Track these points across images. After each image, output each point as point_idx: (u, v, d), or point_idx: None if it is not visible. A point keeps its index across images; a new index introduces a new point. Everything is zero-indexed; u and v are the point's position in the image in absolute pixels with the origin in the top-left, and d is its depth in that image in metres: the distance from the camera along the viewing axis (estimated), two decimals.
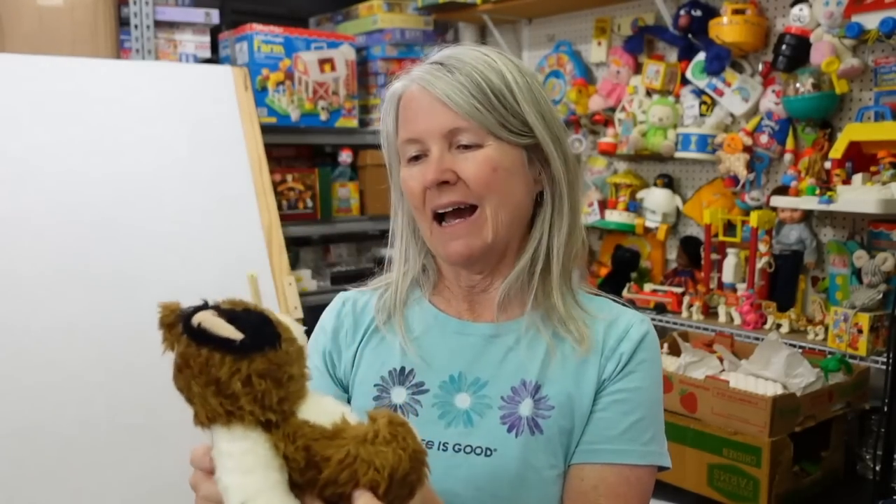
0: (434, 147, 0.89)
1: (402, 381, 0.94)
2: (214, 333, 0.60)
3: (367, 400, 0.94)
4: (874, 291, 1.72)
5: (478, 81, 0.88)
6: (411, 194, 0.92)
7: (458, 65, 0.89)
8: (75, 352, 1.88)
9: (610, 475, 0.88)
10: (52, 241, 1.94)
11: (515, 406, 0.89)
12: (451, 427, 0.90)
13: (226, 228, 2.17)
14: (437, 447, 0.89)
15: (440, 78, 0.89)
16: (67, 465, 1.79)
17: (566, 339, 0.92)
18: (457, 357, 0.94)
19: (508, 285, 0.93)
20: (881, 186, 1.65)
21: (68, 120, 2.07)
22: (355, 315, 1.00)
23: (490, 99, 0.88)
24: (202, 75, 2.36)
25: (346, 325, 1.00)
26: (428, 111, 0.89)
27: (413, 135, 0.90)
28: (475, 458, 0.88)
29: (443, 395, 0.92)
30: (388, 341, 0.97)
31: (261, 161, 2.30)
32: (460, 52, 0.92)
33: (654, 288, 2.22)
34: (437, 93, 0.88)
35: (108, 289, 1.96)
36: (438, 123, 0.88)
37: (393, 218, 1.01)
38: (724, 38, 2.01)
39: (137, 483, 1.84)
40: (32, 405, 1.80)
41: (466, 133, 0.88)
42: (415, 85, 0.91)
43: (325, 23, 2.98)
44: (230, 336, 0.60)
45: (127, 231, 2.04)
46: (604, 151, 2.38)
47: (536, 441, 0.88)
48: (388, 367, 0.95)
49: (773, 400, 1.55)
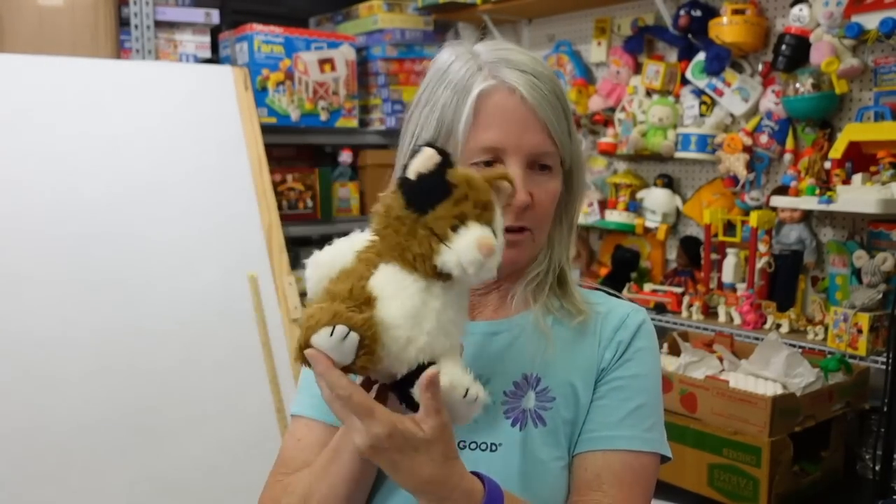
0: (515, 163, 0.86)
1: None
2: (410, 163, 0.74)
3: None
4: (874, 291, 1.72)
5: (563, 102, 0.89)
6: None
7: (541, 76, 0.88)
8: (75, 352, 1.88)
9: (613, 462, 0.87)
10: (52, 241, 1.94)
11: (519, 400, 0.90)
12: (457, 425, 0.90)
13: (226, 228, 2.17)
14: None
15: (537, 91, 0.86)
16: (67, 465, 1.79)
17: (564, 323, 0.93)
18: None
19: (520, 289, 0.94)
20: (881, 186, 1.65)
21: (68, 120, 2.07)
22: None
23: (569, 124, 0.90)
24: (202, 75, 2.36)
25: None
26: (523, 125, 0.86)
27: (496, 143, 0.86)
28: (481, 454, 0.88)
29: None
30: None
31: (261, 161, 2.30)
32: (524, 57, 0.89)
33: (654, 288, 2.22)
34: (538, 110, 0.86)
35: (109, 288, 1.97)
36: (531, 142, 0.87)
37: None
38: (723, 38, 2.01)
39: (138, 483, 1.84)
40: (33, 405, 1.80)
41: (550, 157, 0.88)
42: (505, 89, 0.87)
43: (325, 23, 2.98)
44: (408, 171, 0.74)
45: (127, 231, 2.04)
46: (604, 151, 2.38)
47: (540, 433, 0.88)
48: None
49: (772, 400, 1.55)
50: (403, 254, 0.72)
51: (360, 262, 0.75)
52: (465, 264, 0.70)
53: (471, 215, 0.72)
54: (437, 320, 0.73)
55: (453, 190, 0.72)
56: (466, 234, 0.71)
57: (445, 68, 0.90)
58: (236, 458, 1.93)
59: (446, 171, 0.73)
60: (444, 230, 0.71)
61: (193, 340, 2.02)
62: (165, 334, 1.99)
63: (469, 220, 0.71)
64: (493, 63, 0.88)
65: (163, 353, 1.97)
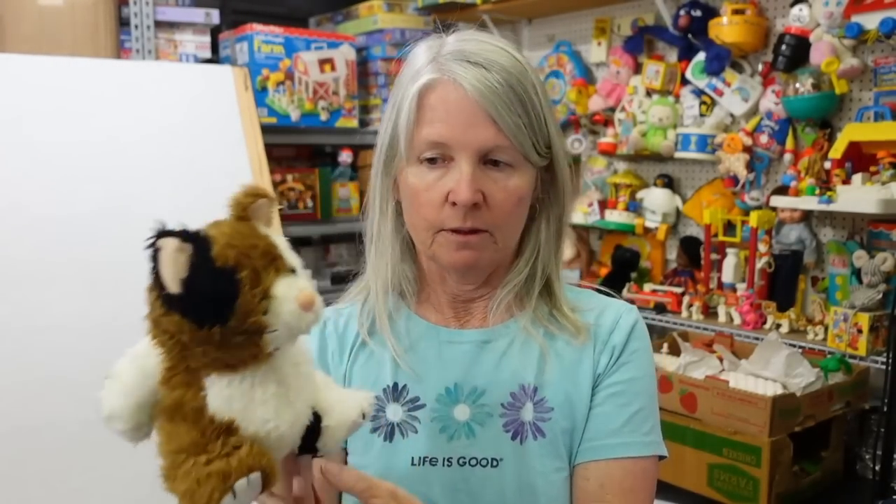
0: (465, 160, 0.81)
1: (397, 398, 0.89)
2: (158, 267, 0.57)
3: None
4: (874, 291, 1.72)
5: (520, 95, 0.82)
6: (427, 203, 0.83)
7: (495, 67, 0.81)
8: (75, 351, 1.88)
9: (615, 470, 0.86)
10: (52, 240, 1.94)
11: (517, 412, 0.87)
12: (454, 440, 0.87)
13: None
14: (441, 463, 0.87)
15: (484, 83, 0.80)
16: (67, 464, 1.79)
17: (558, 337, 0.90)
18: (450, 367, 0.89)
19: (502, 295, 0.90)
20: (881, 186, 1.65)
21: (68, 120, 2.07)
22: (338, 333, 0.94)
23: (530, 117, 0.83)
24: (202, 75, 2.36)
25: (330, 345, 0.94)
26: (468, 119, 0.81)
27: (441, 139, 0.81)
28: (481, 471, 0.86)
29: (440, 408, 0.88)
30: (378, 356, 0.92)
31: (261, 161, 2.30)
32: (485, 47, 0.83)
33: (654, 288, 2.22)
34: (483, 102, 0.80)
35: (109, 288, 1.96)
36: (479, 137, 0.81)
37: (376, 218, 0.91)
38: (723, 38, 2.01)
39: (138, 483, 1.84)
40: (32, 405, 1.80)
41: (504, 152, 0.82)
42: (450, 82, 0.81)
43: (325, 23, 2.98)
44: (165, 282, 0.56)
45: (127, 231, 2.03)
46: (604, 151, 2.38)
47: (540, 445, 0.86)
48: (380, 385, 0.90)
49: (772, 400, 1.55)
50: (224, 362, 0.60)
51: (174, 392, 0.62)
52: (300, 331, 0.61)
53: (270, 280, 0.59)
54: (292, 393, 0.64)
55: (237, 273, 0.58)
56: (280, 304, 0.59)
57: (409, 63, 0.87)
58: None
59: (210, 259, 0.58)
60: (258, 320, 0.58)
61: None
62: None
63: (272, 286, 0.59)
64: (447, 55, 0.83)
65: None
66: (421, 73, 0.84)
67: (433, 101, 0.82)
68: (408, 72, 0.87)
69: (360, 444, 0.90)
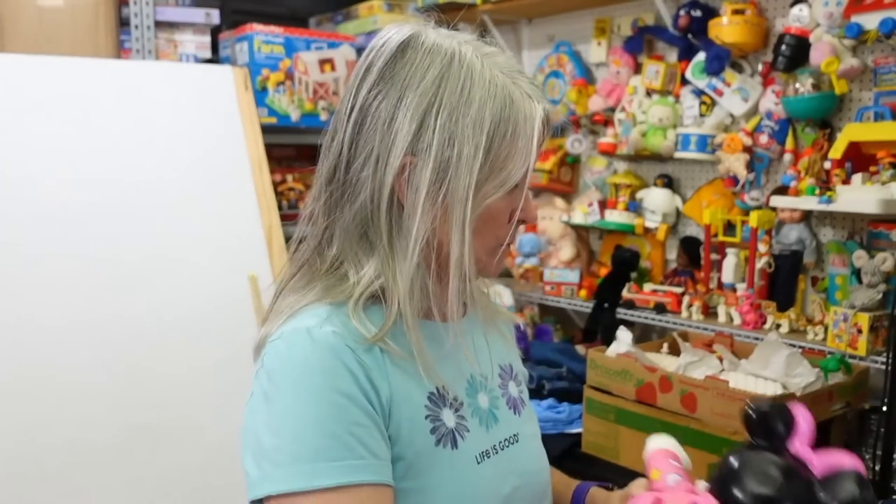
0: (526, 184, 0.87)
1: (444, 403, 0.86)
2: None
3: (425, 436, 0.82)
4: (874, 291, 1.72)
5: None
6: (503, 224, 0.87)
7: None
8: (75, 352, 1.88)
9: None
10: (52, 240, 1.94)
11: (507, 389, 0.97)
12: (491, 429, 0.91)
13: (226, 229, 2.17)
14: (492, 452, 0.89)
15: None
16: (67, 464, 1.79)
17: (497, 320, 1.02)
18: (460, 360, 0.90)
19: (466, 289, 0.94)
20: (881, 186, 1.65)
21: (68, 120, 2.07)
22: (364, 347, 0.80)
23: None
24: (202, 75, 2.36)
25: (365, 360, 0.79)
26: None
27: (536, 165, 0.88)
28: (512, 449, 0.92)
29: (471, 401, 0.90)
30: (410, 367, 0.83)
31: (261, 161, 2.30)
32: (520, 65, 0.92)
33: (654, 288, 2.22)
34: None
35: (109, 289, 1.97)
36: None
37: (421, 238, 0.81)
38: (723, 38, 2.01)
39: (138, 483, 1.84)
40: (33, 405, 1.80)
41: None
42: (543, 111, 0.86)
43: (325, 23, 2.98)
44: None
45: (127, 231, 2.04)
46: (604, 151, 2.38)
47: (527, 414, 0.99)
48: (425, 393, 0.84)
49: (772, 400, 1.55)
50: None
51: None
52: None
53: None
54: None
55: None
56: None
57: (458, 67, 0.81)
58: (236, 458, 1.93)
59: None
60: None
61: (193, 340, 2.02)
62: (165, 334, 1.99)
63: None
64: (513, 74, 0.84)
65: (163, 352, 1.97)
66: (516, 98, 0.82)
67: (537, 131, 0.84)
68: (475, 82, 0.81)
69: (424, 465, 0.82)
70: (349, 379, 0.77)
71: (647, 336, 2.31)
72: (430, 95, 0.80)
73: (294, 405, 0.76)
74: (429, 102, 0.80)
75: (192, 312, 2.03)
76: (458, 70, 0.81)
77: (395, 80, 0.82)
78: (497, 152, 0.81)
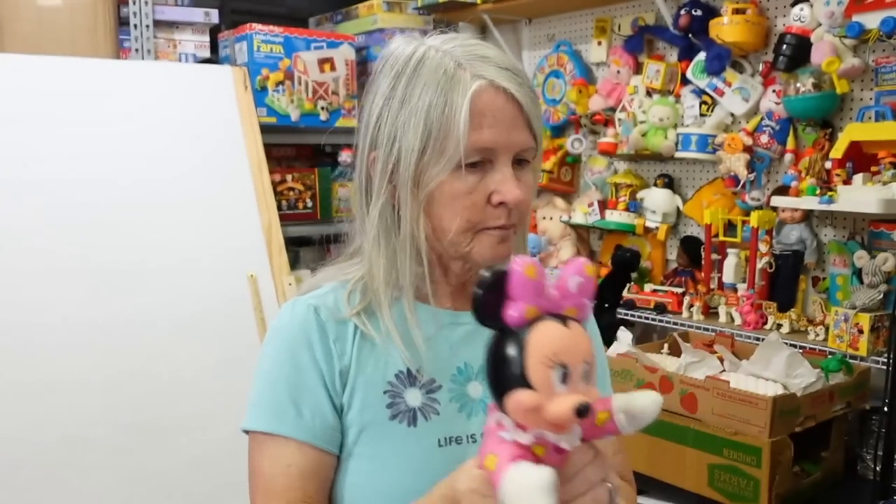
0: (504, 162, 0.87)
1: (413, 383, 0.91)
2: None
3: (379, 409, 0.90)
4: (875, 291, 1.71)
5: (536, 100, 0.90)
6: (471, 205, 0.87)
7: (520, 73, 0.89)
8: (75, 352, 1.87)
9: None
10: (52, 240, 1.94)
11: None
12: (474, 417, 0.92)
13: (226, 228, 2.17)
14: (466, 441, 0.91)
15: (520, 87, 0.87)
16: (67, 464, 1.79)
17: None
18: (458, 348, 0.94)
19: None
20: (882, 186, 1.65)
21: (67, 120, 2.07)
22: (336, 319, 0.92)
23: (541, 119, 0.92)
24: (202, 75, 2.36)
25: (330, 332, 0.91)
26: (511, 123, 0.86)
27: (490, 144, 0.85)
28: None
29: (456, 388, 0.93)
30: (382, 343, 0.91)
31: (261, 161, 2.30)
32: (495, 52, 0.89)
33: (655, 288, 2.21)
34: (524, 106, 0.87)
35: (108, 289, 1.96)
36: (518, 140, 0.87)
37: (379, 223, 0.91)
38: (724, 37, 2.01)
39: (138, 483, 1.84)
40: (32, 406, 1.80)
41: (530, 152, 0.89)
42: (492, 87, 0.86)
43: (324, 23, 2.98)
44: None
45: (126, 231, 2.04)
46: (604, 151, 2.38)
47: None
48: (392, 371, 0.91)
49: (773, 400, 1.55)
50: None
51: None
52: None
53: None
54: None
55: None
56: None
57: (416, 64, 0.87)
58: (236, 458, 1.92)
59: None
60: None
61: (193, 340, 2.01)
62: (165, 334, 1.99)
63: None
64: (471, 60, 0.87)
65: (162, 352, 1.97)
66: (459, 77, 0.85)
67: (480, 107, 0.85)
68: (421, 73, 0.87)
69: (375, 434, 0.89)
70: (304, 347, 0.90)
71: (648, 336, 2.31)
72: (386, 96, 0.89)
73: (262, 362, 0.93)
74: (385, 101, 0.89)
75: (191, 312, 2.03)
76: (414, 68, 0.88)
77: (371, 89, 0.93)
78: (436, 135, 0.85)
